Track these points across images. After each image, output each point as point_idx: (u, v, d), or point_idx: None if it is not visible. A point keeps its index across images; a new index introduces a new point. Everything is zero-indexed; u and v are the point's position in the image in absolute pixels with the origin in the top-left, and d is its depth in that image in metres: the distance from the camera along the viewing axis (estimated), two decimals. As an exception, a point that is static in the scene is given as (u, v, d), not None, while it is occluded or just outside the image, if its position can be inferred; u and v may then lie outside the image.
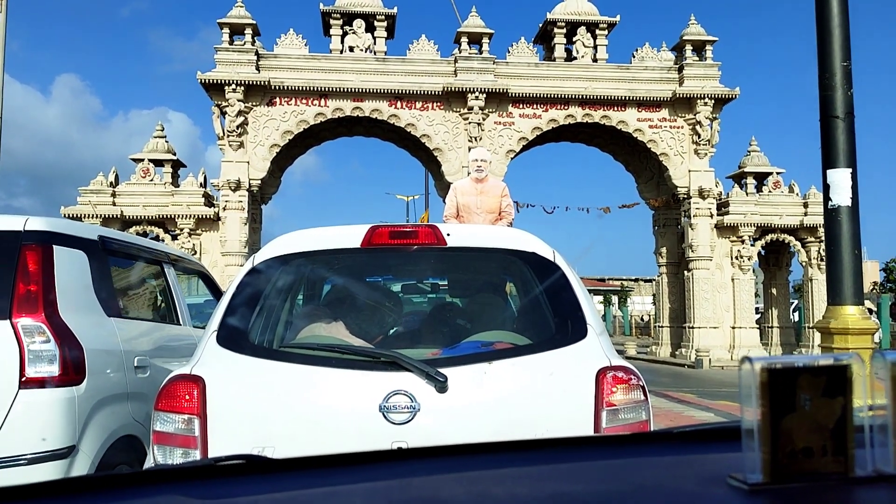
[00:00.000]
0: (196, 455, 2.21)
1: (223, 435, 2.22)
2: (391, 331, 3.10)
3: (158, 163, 19.86)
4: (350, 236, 2.69)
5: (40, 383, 3.07)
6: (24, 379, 3.04)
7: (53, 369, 3.10)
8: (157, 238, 18.67)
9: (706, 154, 20.20)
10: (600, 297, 45.35)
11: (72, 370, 3.16)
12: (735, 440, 0.80)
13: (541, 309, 2.73)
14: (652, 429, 2.31)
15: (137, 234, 18.30)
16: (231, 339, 2.43)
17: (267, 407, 2.29)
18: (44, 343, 3.10)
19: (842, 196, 5.98)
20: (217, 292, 5.61)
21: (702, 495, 0.76)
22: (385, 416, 2.18)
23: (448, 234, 2.69)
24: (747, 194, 20.99)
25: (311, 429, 2.26)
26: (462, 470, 0.87)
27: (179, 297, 4.82)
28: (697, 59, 20.32)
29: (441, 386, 2.21)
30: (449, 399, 2.22)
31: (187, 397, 2.25)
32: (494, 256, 2.95)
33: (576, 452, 0.97)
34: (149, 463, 2.41)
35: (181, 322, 4.74)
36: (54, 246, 3.32)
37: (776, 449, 0.73)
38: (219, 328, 2.46)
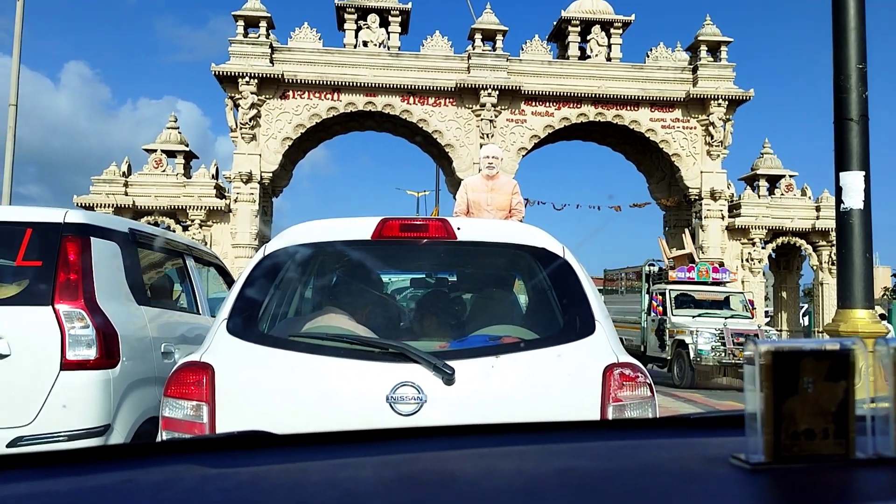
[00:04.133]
0: None
1: (231, 422, 2.24)
2: (400, 323, 3.12)
3: (171, 153, 19.97)
4: (361, 228, 2.70)
5: (79, 366, 3.25)
6: (65, 361, 3.22)
7: (91, 353, 3.28)
8: (168, 228, 18.78)
9: (719, 155, 20.12)
10: (609, 297, 45.16)
11: (108, 354, 3.35)
12: (739, 427, 0.81)
13: (549, 304, 2.74)
14: None
15: (149, 224, 18.43)
16: (241, 327, 2.45)
17: (275, 395, 2.32)
18: (83, 328, 3.27)
19: (854, 199, 5.95)
20: (231, 284, 5.68)
21: (704, 474, 0.77)
22: (392, 407, 2.20)
23: (458, 229, 2.69)
24: (759, 196, 20.90)
25: (319, 418, 2.28)
26: (470, 447, 0.89)
27: (199, 288, 5.00)
28: (712, 59, 20.23)
29: (448, 378, 2.22)
30: (456, 391, 2.24)
31: (197, 384, 2.27)
32: (504, 251, 2.94)
33: (582, 434, 0.99)
34: None
35: (200, 311, 4.90)
36: (91, 237, 3.51)
37: (778, 430, 0.75)
38: (229, 317, 2.48)
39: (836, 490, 0.73)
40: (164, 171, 19.64)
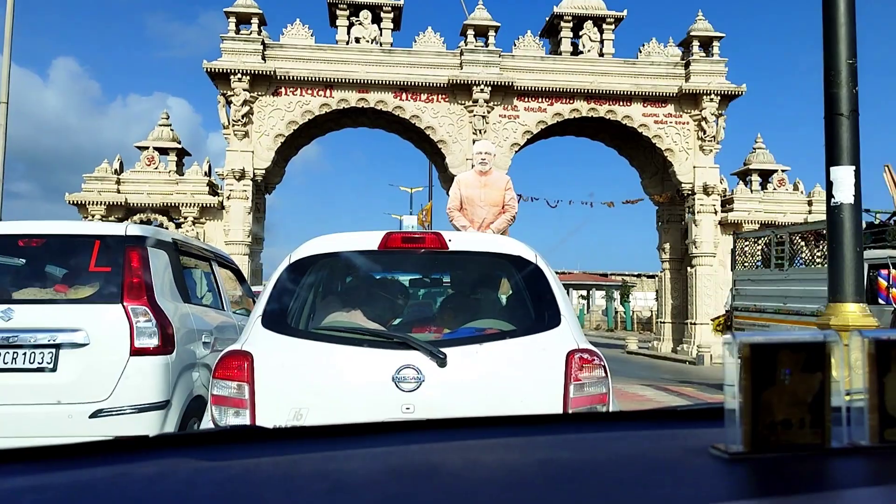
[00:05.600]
0: (246, 414, 2.74)
1: (267, 398, 2.75)
2: (402, 318, 3.56)
3: (163, 151, 19.91)
4: (369, 240, 3.23)
5: (145, 352, 3.96)
6: (133, 349, 3.93)
7: (154, 342, 3.99)
8: (161, 226, 18.74)
9: (711, 150, 20.18)
10: (602, 292, 45.19)
11: (166, 343, 4.05)
12: (720, 419, 0.84)
13: (524, 301, 3.29)
14: (610, 401, 2.84)
15: (141, 221, 18.42)
16: (273, 321, 2.98)
17: (302, 377, 2.86)
18: (146, 322, 3.99)
19: (844, 193, 5.99)
20: (244, 283, 6.89)
21: (684, 464, 0.79)
22: (397, 385, 2.69)
23: (450, 240, 3.22)
24: (752, 191, 20.98)
25: (337, 394, 2.81)
26: (457, 440, 0.91)
27: (222, 288, 5.85)
28: (704, 55, 20.27)
29: (442, 362, 2.72)
30: (448, 372, 2.73)
31: (239, 368, 2.79)
32: (487, 259, 3.47)
33: (565, 426, 1.01)
34: (206, 418, 2.99)
35: (224, 309, 5.73)
36: (147, 247, 4.23)
37: (756, 421, 0.77)
38: (263, 313, 3.01)
39: (812, 478, 0.75)
40: (156, 168, 19.58)
